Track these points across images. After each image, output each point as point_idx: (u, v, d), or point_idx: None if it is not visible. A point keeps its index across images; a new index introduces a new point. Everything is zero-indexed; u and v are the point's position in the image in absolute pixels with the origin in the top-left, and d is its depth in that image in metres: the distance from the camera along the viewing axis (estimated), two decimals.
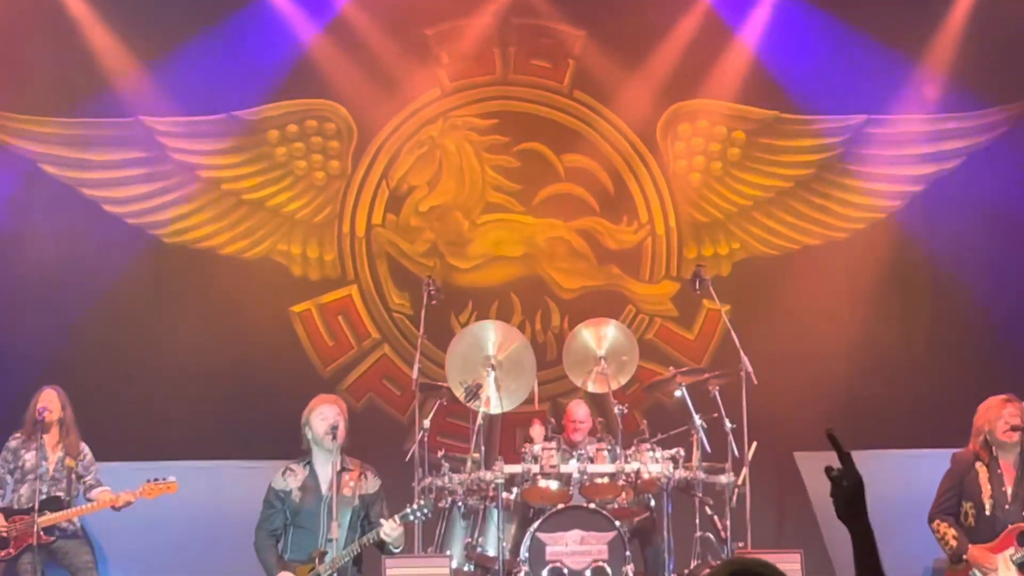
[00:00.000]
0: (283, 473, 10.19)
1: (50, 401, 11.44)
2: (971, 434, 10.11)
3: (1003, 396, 10.06)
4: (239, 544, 10.82)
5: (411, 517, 9.96)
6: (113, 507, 11.24)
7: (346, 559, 9.76)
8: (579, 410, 12.25)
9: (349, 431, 10.38)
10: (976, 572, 9.69)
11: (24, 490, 11.21)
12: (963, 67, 14.14)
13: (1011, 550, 9.69)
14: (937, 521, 9.87)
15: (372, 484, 10.17)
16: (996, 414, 9.93)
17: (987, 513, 9.77)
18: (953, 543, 9.69)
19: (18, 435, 11.43)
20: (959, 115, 14.30)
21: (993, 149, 14.27)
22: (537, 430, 12.17)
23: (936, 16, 14.17)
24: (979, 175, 14.25)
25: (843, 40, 14.06)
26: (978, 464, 9.86)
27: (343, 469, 10.09)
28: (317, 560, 9.82)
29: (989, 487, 9.76)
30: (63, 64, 13.79)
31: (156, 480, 11.23)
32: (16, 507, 11.22)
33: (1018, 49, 13.98)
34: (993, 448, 9.89)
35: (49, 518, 11.12)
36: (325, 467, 10.15)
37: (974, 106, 14.27)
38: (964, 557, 9.67)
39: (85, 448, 11.52)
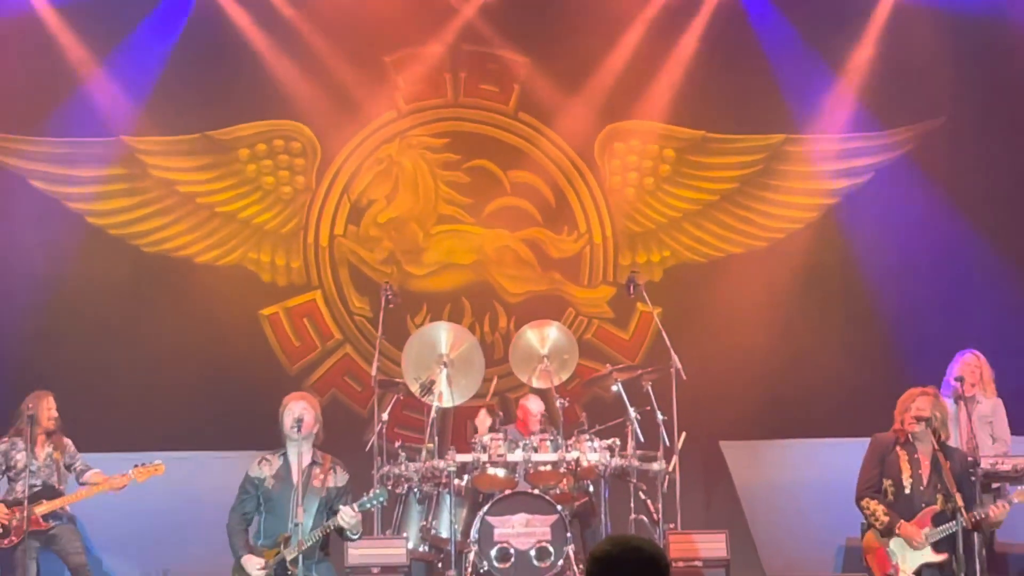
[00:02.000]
0: (259, 462, 10.09)
1: (52, 407, 11.36)
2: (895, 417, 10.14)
3: (921, 389, 10.06)
4: (213, 528, 10.75)
5: (368, 505, 9.91)
6: (113, 489, 11.14)
7: (309, 543, 9.72)
8: (533, 405, 12.30)
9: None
10: (894, 548, 9.70)
11: (19, 486, 11.09)
12: (871, 91, 14.29)
13: (927, 529, 9.70)
14: (866, 500, 9.82)
15: (341, 478, 10.03)
16: (907, 405, 9.94)
17: (906, 492, 9.75)
18: (884, 519, 9.64)
19: (6, 438, 11.27)
20: (868, 135, 14.45)
21: (898, 165, 14.42)
22: (482, 418, 12.20)
23: (847, 44, 14.28)
24: (886, 189, 14.37)
25: (763, 67, 14.16)
26: (898, 447, 9.87)
27: (313, 463, 10.01)
28: (283, 544, 9.75)
29: (909, 468, 9.78)
30: (50, 87, 13.79)
31: (144, 464, 11.16)
32: (13, 500, 11.11)
33: (920, 74, 14.12)
34: (909, 435, 9.90)
35: (48, 506, 11.05)
36: (300, 457, 10.10)
37: (881, 126, 14.43)
38: (896, 531, 9.67)
39: (68, 441, 11.45)
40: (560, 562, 10.80)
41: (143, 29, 13.70)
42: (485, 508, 10.93)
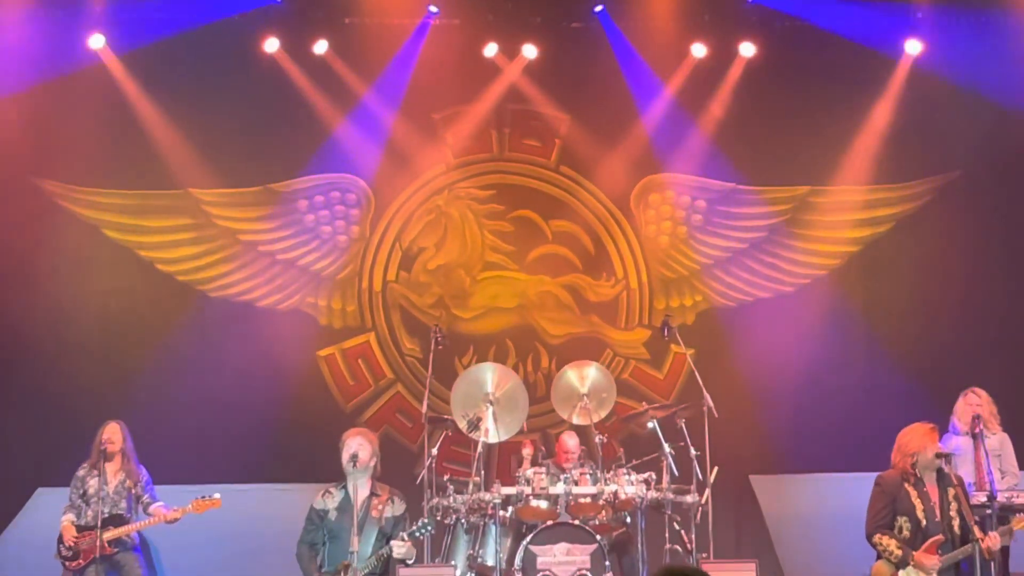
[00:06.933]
0: (323, 495, 10.19)
1: (113, 433, 11.42)
2: (896, 456, 9.93)
3: (928, 425, 9.92)
4: (274, 554, 10.77)
5: (417, 534, 9.98)
6: (166, 521, 11.18)
7: (367, 570, 9.75)
8: (571, 441, 12.22)
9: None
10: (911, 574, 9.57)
11: (90, 512, 11.17)
12: (892, 144, 14.21)
13: (933, 558, 9.60)
14: (878, 535, 9.68)
15: (398, 508, 10.13)
16: (928, 442, 9.78)
17: (922, 526, 9.65)
18: (899, 552, 9.53)
19: (85, 465, 11.39)
20: (888, 186, 14.38)
21: (918, 216, 14.36)
22: (527, 451, 12.14)
23: (869, 100, 14.23)
24: (907, 238, 14.33)
25: (790, 122, 14.12)
26: (907, 485, 9.73)
27: (372, 493, 10.05)
28: (343, 571, 9.81)
29: (921, 503, 9.65)
30: (122, 143, 13.85)
31: (203, 497, 11.20)
32: (84, 525, 11.17)
33: (937, 130, 14.05)
34: (918, 469, 9.76)
35: (113, 533, 11.09)
36: (357, 490, 10.11)
37: (901, 179, 14.36)
38: (911, 563, 9.54)
39: (144, 472, 11.47)
40: None
41: (210, 87, 13.72)
42: (528, 538, 10.92)
